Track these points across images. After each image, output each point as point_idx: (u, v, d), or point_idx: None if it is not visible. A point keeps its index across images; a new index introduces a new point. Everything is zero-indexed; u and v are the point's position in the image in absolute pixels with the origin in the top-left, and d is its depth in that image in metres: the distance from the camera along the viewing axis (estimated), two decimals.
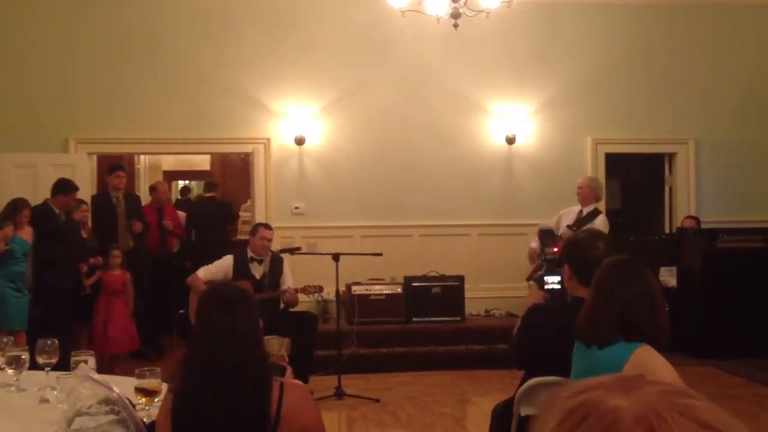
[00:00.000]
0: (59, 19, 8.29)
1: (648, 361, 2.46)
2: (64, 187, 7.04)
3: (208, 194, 9.77)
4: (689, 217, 8.70)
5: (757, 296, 7.63)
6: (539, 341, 3.21)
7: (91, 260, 7.24)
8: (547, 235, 6.71)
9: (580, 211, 7.15)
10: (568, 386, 0.71)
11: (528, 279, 7.06)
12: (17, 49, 8.25)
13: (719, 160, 9.07)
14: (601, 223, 6.93)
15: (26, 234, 6.71)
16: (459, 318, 8.05)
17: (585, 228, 5.64)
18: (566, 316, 2.84)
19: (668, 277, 8.26)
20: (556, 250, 6.31)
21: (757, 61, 9.11)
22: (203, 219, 9.14)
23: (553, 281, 3.61)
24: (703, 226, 8.41)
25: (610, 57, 8.90)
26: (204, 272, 6.55)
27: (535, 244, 7.34)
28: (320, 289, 6.80)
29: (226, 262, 6.65)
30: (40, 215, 6.89)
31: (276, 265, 6.75)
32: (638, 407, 0.65)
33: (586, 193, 7.11)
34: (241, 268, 6.59)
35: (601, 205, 7.58)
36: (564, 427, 0.67)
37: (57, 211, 7.01)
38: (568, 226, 6.92)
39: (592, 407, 0.66)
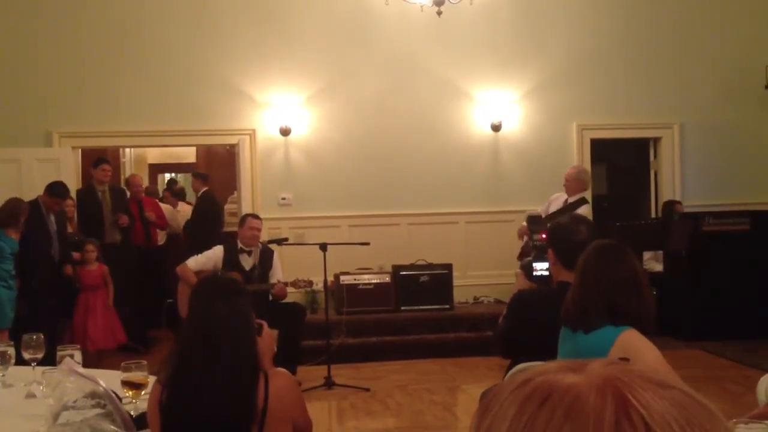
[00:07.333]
0: (41, 12, 8.21)
1: (633, 344, 2.47)
2: (57, 192, 7.05)
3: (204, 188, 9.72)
4: (669, 201, 8.69)
5: (743, 278, 7.68)
6: (526, 327, 3.21)
7: (75, 254, 7.21)
8: (535, 221, 6.73)
9: (566, 200, 7.20)
10: (509, 381, 0.68)
11: (519, 257, 7.06)
12: None
13: (704, 143, 9.11)
14: (583, 212, 6.98)
15: (15, 233, 6.74)
16: (448, 306, 8.06)
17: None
18: (552, 301, 2.85)
19: (653, 262, 8.30)
20: (544, 236, 6.33)
21: (740, 45, 9.13)
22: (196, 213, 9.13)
23: (541, 268, 3.62)
24: (687, 210, 8.44)
25: (594, 42, 8.91)
26: (194, 262, 6.52)
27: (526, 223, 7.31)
28: (310, 283, 6.78)
29: (216, 252, 6.61)
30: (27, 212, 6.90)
31: (266, 257, 6.72)
32: (595, 380, 0.64)
33: (572, 185, 7.20)
34: (230, 259, 6.56)
35: (588, 194, 7.59)
36: (525, 413, 0.64)
37: (44, 210, 7.04)
38: (551, 214, 6.96)
39: (550, 387, 0.64)
